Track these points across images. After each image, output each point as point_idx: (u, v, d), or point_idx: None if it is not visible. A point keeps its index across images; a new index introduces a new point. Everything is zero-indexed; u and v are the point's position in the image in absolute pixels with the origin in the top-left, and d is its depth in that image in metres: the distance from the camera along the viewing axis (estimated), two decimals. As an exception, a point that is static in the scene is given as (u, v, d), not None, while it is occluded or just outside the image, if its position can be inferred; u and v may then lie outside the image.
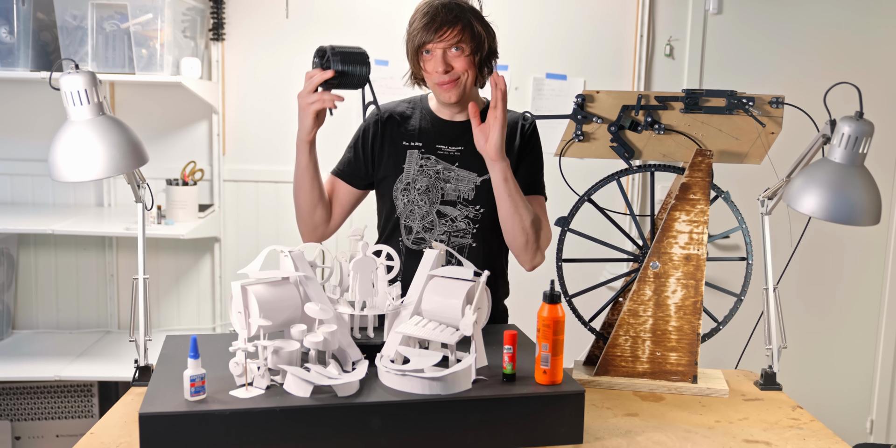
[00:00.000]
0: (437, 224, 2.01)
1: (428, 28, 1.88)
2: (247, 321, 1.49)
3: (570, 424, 1.51)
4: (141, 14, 2.76)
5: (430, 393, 1.46)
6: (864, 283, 3.54)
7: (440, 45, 1.89)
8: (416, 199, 2.01)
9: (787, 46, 3.34)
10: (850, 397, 3.61)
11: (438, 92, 1.95)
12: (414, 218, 2.03)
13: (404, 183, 2.02)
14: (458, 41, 1.88)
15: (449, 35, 1.88)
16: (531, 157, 2.05)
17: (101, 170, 1.59)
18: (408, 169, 2.02)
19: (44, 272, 3.28)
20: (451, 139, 2.02)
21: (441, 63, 1.89)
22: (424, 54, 1.92)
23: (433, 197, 2.01)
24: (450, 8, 1.89)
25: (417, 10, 1.93)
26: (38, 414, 3.16)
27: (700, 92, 1.85)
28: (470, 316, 1.53)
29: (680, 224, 1.82)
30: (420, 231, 2.03)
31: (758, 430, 1.65)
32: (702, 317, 1.84)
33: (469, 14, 1.91)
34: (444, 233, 2.02)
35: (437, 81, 1.92)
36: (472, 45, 1.90)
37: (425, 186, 2.00)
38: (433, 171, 2.01)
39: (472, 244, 2.03)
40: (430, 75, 1.93)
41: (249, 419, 1.38)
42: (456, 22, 1.88)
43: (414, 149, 2.02)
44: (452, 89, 1.93)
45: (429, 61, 1.92)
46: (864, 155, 1.70)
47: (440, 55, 1.89)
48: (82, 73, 1.59)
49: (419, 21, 1.90)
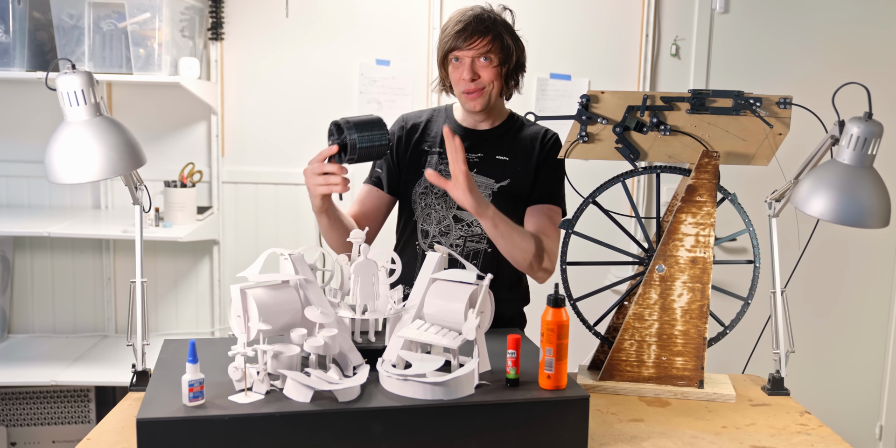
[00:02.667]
0: (453, 228, 2.05)
1: (459, 36, 1.93)
2: (246, 325, 1.47)
3: (574, 430, 1.50)
4: (138, 13, 2.77)
5: (432, 398, 1.45)
6: (873, 286, 3.52)
7: (469, 53, 1.94)
8: (433, 204, 2.05)
9: (795, 46, 3.33)
10: (859, 403, 3.59)
11: (464, 100, 2.00)
12: (430, 222, 2.06)
13: (423, 187, 2.07)
14: (488, 51, 1.94)
15: (479, 44, 1.93)
16: (551, 168, 2.07)
17: (99, 171, 1.59)
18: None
19: (40, 275, 3.28)
20: (471, 146, 2.06)
21: (469, 71, 1.94)
22: (453, 61, 1.97)
23: (450, 201, 2.04)
24: (482, 18, 1.95)
25: (451, 19, 1.99)
26: (34, 419, 3.16)
27: (706, 92, 1.85)
28: (473, 320, 1.52)
29: (686, 226, 1.81)
30: (436, 235, 2.06)
31: (765, 435, 1.64)
32: (708, 321, 1.83)
33: (501, 26, 1.96)
34: (460, 237, 2.05)
35: (464, 90, 1.97)
36: (501, 56, 1.95)
37: (443, 191, 2.02)
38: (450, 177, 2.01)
39: (488, 249, 2.06)
40: (457, 83, 1.98)
41: (249, 425, 1.37)
42: (487, 32, 1.93)
43: (434, 154, 2.07)
44: (478, 98, 1.97)
45: (457, 68, 1.97)
46: (873, 156, 1.70)
47: (468, 63, 1.94)
48: (79, 74, 1.59)
49: (451, 28, 1.96)
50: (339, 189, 1.78)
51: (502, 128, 2.08)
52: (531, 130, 2.09)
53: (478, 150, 2.06)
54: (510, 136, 2.07)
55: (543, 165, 2.06)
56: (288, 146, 3.23)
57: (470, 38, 1.92)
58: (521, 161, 2.05)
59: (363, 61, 3.19)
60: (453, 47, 1.94)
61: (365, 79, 3.19)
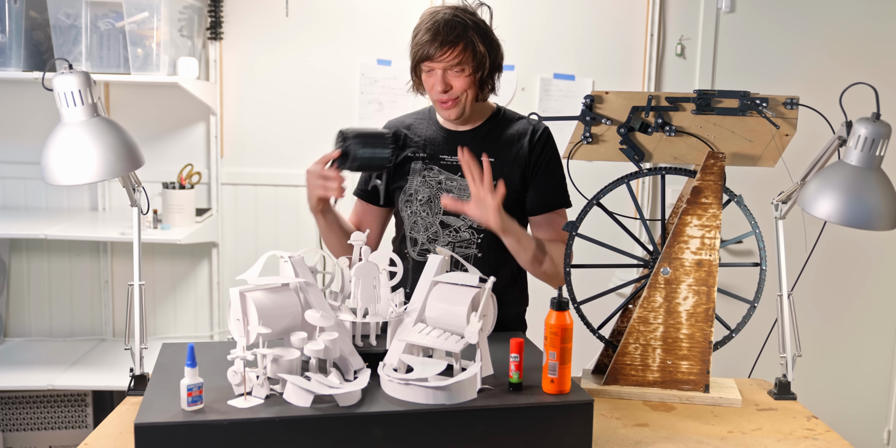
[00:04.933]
0: (441, 235, 2.03)
1: (429, 45, 1.86)
2: (245, 329, 1.48)
3: (578, 435, 1.49)
4: (136, 12, 2.77)
5: (433, 403, 1.44)
6: (880, 289, 3.51)
7: (440, 65, 1.88)
8: (418, 211, 2.03)
9: (802, 46, 3.31)
10: (867, 407, 3.58)
11: (438, 109, 1.99)
12: (418, 229, 2.04)
13: (407, 194, 2.04)
14: (459, 62, 1.88)
15: (449, 56, 1.87)
16: (547, 170, 2.02)
17: (96, 173, 1.59)
18: (411, 180, 2.04)
19: (36, 278, 3.27)
20: (454, 149, 2.00)
21: (440, 82, 1.89)
22: (425, 70, 1.93)
23: (435, 208, 2.02)
24: (452, 25, 1.86)
25: (422, 21, 1.92)
26: (30, 424, 3.15)
27: (712, 93, 1.84)
28: (475, 323, 1.52)
29: (691, 229, 1.80)
30: (425, 242, 2.04)
31: (772, 440, 1.63)
32: (714, 324, 1.83)
33: (472, 32, 1.88)
34: (448, 243, 2.03)
35: (437, 99, 1.94)
36: (473, 64, 1.89)
37: (427, 197, 2.01)
38: (434, 182, 2.02)
39: (478, 254, 2.03)
40: (430, 92, 1.95)
41: (248, 430, 1.36)
42: (457, 42, 1.86)
43: (418, 160, 2.04)
44: (452, 108, 1.94)
45: (429, 77, 1.92)
46: (881, 157, 1.70)
47: (440, 75, 1.89)
48: (76, 74, 1.59)
49: (421, 35, 1.89)
50: (334, 194, 1.84)
51: (486, 126, 2.03)
52: (518, 126, 2.03)
53: None
54: (495, 134, 2.02)
55: (539, 170, 2.00)
56: (288, 147, 3.23)
57: (440, 48, 1.85)
58: (509, 161, 2.00)
59: (364, 61, 3.18)
60: (424, 57, 1.88)
61: (366, 79, 3.18)
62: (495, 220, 1.82)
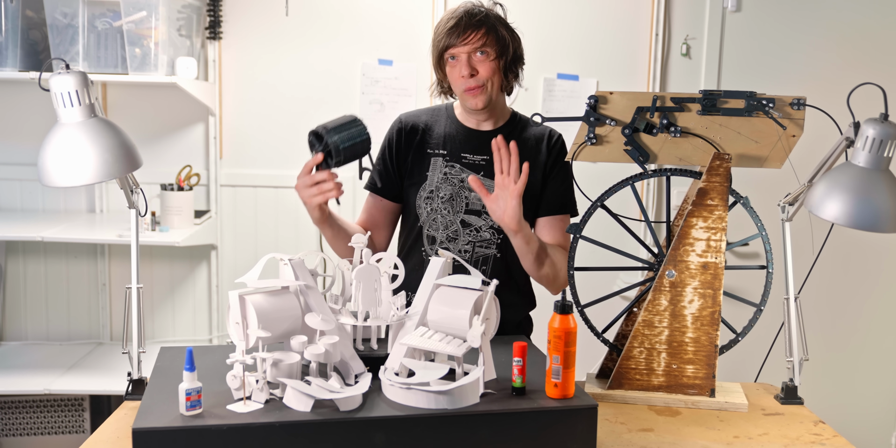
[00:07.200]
0: (461, 234, 2.03)
1: (452, 32, 1.92)
2: (245, 332, 1.47)
3: (582, 440, 1.49)
4: (134, 12, 2.77)
5: (435, 407, 1.44)
6: (888, 292, 3.51)
7: (465, 48, 1.92)
8: (439, 208, 2.03)
9: (809, 45, 3.31)
10: (875, 412, 3.58)
11: (465, 98, 1.98)
12: (437, 227, 2.05)
13: (427, 191, 2.05)
14: (483, 45, 1.92)
15: (473, 38, 1.91)
16: (560, 177, 2.06)
17: (93, 174, 1.59)
18: (431, 177, 2.04)
19: (33, 281, 3.27)
20: (476, 148, 2.04)
21: (466, 66, 1.92)
22: (449, 60, 1.96)
23: (457, 206, 2.03)
24: (473, 13, 1.94)
25: (442, 18, 1.99)
26: (27, 429, 3.16)
27: (718, 93, 1.84)
28: (478, 327, 1.52)
29: (697, 231, 1.80)
30: (444, 241, 2.05)
31: (778, 446, 1.63)
32: (720, 328, 1.82)
33: (493, 19, 1.95)
34: (469, 242, 2.04)
35: (464, 88, 1.95)
36: (497, 48, 1.94)
37: (449, 195, 2.02)
38: (457, 180, 2.03)
39: (497, 254, 2.05)
40: (456, 82, 1.96)
41: (247, 434, 1.36)
42: (480, 26, 1.92)
43: (438, 156, 2.05)
44: (479, 95, 1.96)
45: (454, 67, 1.95)
46: (889, 159, 1.70)
47: (465, 59, 1.93)
48: (73, 74, 1.59)
49: (443, 26, 1.95)
50: (333, 194, 1.81)
51: (506, 128, 2.06)
52: (535, 131, 2.08)
53: (483, 152, 2.03)
54: (514, 136, 2.05)
55: (552, 173, 2.05)
56: (288, 148, 3.22)
57: (464, 33, 1.91)
58: (529, 163, 2.02)
59: (365, 61, 3.17)
60: (448, 45, 1.93)
61: (367, 79, 3.17)
62: (512, 214, 1.82)
